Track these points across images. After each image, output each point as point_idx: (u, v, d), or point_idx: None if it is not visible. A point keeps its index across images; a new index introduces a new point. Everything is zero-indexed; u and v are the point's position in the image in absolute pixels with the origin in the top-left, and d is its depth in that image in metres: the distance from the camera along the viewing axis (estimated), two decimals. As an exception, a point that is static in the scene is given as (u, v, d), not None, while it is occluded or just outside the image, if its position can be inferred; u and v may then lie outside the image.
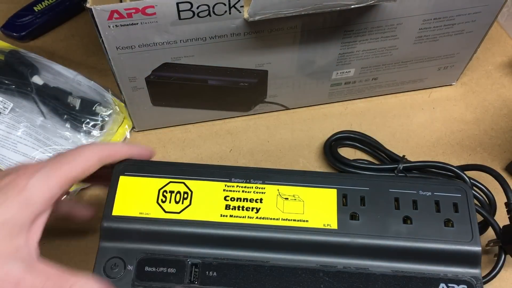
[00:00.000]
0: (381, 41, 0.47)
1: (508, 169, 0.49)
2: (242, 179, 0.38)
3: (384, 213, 0.36)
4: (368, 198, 0.37)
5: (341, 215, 0.36)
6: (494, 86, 0.57)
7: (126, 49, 0.42)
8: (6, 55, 0.52)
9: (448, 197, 0.37)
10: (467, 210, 0.37)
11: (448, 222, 0.36)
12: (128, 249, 0.36)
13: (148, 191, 0.37)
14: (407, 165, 0.47)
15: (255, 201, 0.37)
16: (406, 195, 0.37)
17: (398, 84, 0.54)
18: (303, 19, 0.42)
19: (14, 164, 0.48)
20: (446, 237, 0.35)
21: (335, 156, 0.49)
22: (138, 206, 0.36)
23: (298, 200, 0.37)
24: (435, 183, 0.38)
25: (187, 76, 0.46)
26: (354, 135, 0.51)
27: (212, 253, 0.36)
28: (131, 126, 0.52)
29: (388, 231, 0.36)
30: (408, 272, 0.35)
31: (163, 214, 0.36)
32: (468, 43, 0.51)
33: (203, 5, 0.39)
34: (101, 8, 0.37)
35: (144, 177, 0.37)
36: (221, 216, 0.36)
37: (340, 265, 0.36)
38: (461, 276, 0.35)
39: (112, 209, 0.36)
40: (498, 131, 0.53)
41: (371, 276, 0.35)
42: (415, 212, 0.36)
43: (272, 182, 0.37)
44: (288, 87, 0.51)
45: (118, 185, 0.37)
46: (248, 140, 0.52)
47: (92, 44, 0.59)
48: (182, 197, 0.37)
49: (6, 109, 0.50)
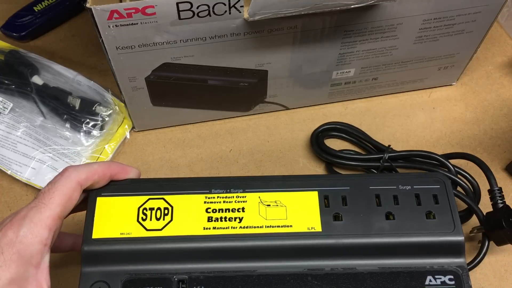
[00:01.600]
0: (381, 41, 0.47)
1: (508, 169, 0.49)
2: (222, 190, 0.37)
3: (367, 211, 0.36)
4: (349, 197, 0.37)
5: (324, 217, 0.36)
6: (494, 86, 0.57)
7: (126, 49, 0.42)
8: (6, 55, 0.52)
9: (427, 189, 0.37)
10: (447, 200, 0.37)
11: (430, 214, 0.36)
12: (112, 271, 0.35)
13: (127, 210, 0.36)
14: (392, 154, 0.47)
15: (237, 211, 0.36)
16: (386, 191, 0.37)
17: (398, 84, 0.54)
18: (303, 19, 0.42)
19: (14, 163, 0.48)
20: (429, 229, 0.36)
21: (321, 147, 0.49)
22: (119, 226, 0.35)
23: (280, 205, 0.36)
24: (414, 176, 0.38)
25: (187, 76, 0.46)
26: (340, 126, 0.51)
27: (198, 267, 0.35)
28: (131, 126, 0.52)
29: (372, 228, 0.36)
30: (395, 268, 0.36)
31: (144, 232, 0.35)
32: (468, 43, 0.51)
33: (203, 5, 0.39)
34: (101, 8, 0.37)
35: (122, 196, 0.36)
36: (204, 229, 0.35)
37: (327, 267, 0.36)
38: (447, 267, 0.36)
39: (92, 232, 0.35)
40: (498, 131, 0.53)
41: (359, 276, 0.35)
42: (396, 207, 0.37)
43: (253, 189, 0.37)
44: (288, 87, 0.51)
45: (96, 207, 0.36)
46: (248, 140, 0.52)
47: (92, 44, 0.60)
48: (163, 213, 0.36)
49: (6, 109, 0.50)
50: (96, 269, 0.35)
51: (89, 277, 0.34)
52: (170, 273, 0.35)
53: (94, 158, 0.49)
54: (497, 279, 0.43)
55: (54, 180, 0.33)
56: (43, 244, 0.31)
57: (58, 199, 0.32)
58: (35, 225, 0.31)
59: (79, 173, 0.34)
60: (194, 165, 0.50)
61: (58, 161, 0.48)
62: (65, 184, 0.33)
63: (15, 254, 0.30)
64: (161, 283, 0.35)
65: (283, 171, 0.50)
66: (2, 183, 0.49)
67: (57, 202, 0.32)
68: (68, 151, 0.49)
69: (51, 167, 0.48)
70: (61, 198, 0.32)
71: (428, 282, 0.35)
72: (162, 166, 0.50)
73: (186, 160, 0.51)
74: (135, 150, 0.52)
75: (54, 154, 0.49)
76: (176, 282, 0.35)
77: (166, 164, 0.51)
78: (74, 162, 0.49)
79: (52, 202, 0.32)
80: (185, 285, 0.35)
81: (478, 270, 0.43)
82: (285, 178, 0.38)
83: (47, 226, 0.31)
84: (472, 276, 0.43)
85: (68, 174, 0.33)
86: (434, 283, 0.35)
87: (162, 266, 0.35)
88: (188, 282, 0.35)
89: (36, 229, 0.31)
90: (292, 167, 0.50)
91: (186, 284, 0.35)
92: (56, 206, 0.32)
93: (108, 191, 0.36)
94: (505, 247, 0.44)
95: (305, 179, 0.38)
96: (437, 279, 0.35)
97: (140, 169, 0.49)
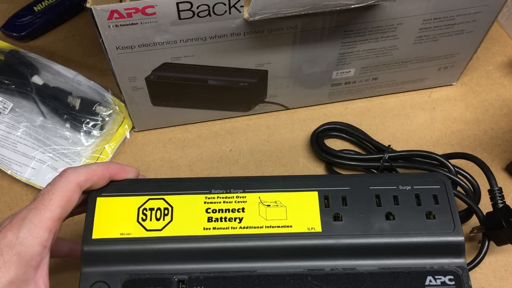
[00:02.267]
0: (381, 41, 0.47)
1: (508, 169, 0.49)
2: (222, 190, 0.37)
3: (367, 211, 0.36)
4: (349, 197, 0.37)
5: (324, 217, 0.36)
6: (494, 86, 0.57)
7: (126, 49, 0.42)
8: (6, 55, 0.52)
9: (427, 190, 0.37)
10: (447, 200, 0.37)
11: (430, 214, 0.36)
12: (112, 271, 0.35)
13: (127, 210, 0.36)
14: (392, 154, 0.47)
15: (237, 211, 0.36)
16: (386, 191, 0.37)
17: (398, 84, 0.54)
18: (303, 19, 0.42)
19: (14, 163, 0.48)
20: (429, 230, 0.36)
21: (321, 147, 0.49)
22: (118, 226, 0.35)
23: (281, 206, 0.36)
24: (414, 177, 0.38)
25: (187, 76, 0.46)
26: (340, 126, 0.51)
27: (198, 267, 0.35)
28: (131, 126, 0.52)
29: (372, 229, 0.36)
30: (395, 268, 0.35)
31: (144, 232, 0.35)
32: (468, 43, 0.51)
33: (203, 5, 0.39)
34: (101, 8, 0.37)
35: (122, 196, 0.36)
36: (204, 229, 0.35)
37: (327, 268, 0.36)
38: (447, 267, 0.36)
39: (92, 232, 0.35)
40: (498, 131, 0.53)
41: (359, 276, 0.35)
42: (396, 207, 0.36)
43: (253, 190, 0.37)
44: (288, 87, 0.51)
45: (96, 207, 0.36)
46: (248, 140, 0.52)
47: (92, 44, 0.60)
48: (163, 213, 0.36)
49: (6, 109, 0.50)
50: (96, 269, 0.35)
51: (89, 278, 0.34)
52: (170, 273, 0.35)
53: (94, 158, 0.49)
54: (497, 279, 0.43)
55: (53, 181, 0.33)
56: (43, 246, 0.31)
57: (57, 200, 0.32)
58: (35, 227, 0.31)
59: (78, 174, 0.34)
60: (194, 165, 0.50)
61: (58, 161, 0.48)
62: (64, 186, 0.33)
63: (15, 255, 0.30)
64: (161, 283, 0.35)
65: (283, 171, 0.50)
66: (2, 183, 0.49)
67: (57, 204, 0.32)
68: (68, 151, 0.49)
69: (51, 167, 0.48)
70: (60, 200, 0.32)
71: (428, 282, 0.35)
72: (162, 166, 0.50)
73: (186, 160, 0.51)
74: (135, 150, 0.52)
75: (54, 154, 0.49)
76: (176, 282, 0.35)
77: (166, 164, 0.51)
78: (74, 162, 0.49)
79: (52, 203, 0.32)
80: (185, 285, 0.35)
81: (478, 270, 0.43)
82: (285, 178, 0.38)
83: (47, 228, 0.31)
84: (472, 276, 0.43)
85: (67, 175, 0.33)
86: (434, 283, 0.35)
87: (162, 266, 0.35)
88: (188, 282, 0.35)
89: (36, 230, 0.31)
90: (292, 167, 0.50)
91: (186, 284, 0.35)
92: (56, 208, 0.32)
93: (108, 191, 0.36)
94: (505, 247, 0.44)
95: (305, 179, 0.38)
96: (437, 279, 0.35)
97: (140, 169, 0.50)
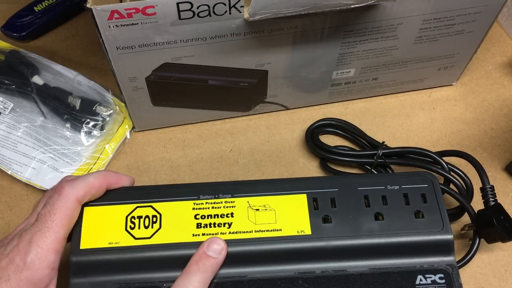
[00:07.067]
0: (381, 41, 0.47)
1: (508, 169, 0.49)
2: (211, 195, 0.37)
3: (356, 212, 0.36)
4: (338, 199, 0.37)
5: (313, 219, 0.36)
6: (494, 86, 0.57)
7: (126, 49, 0.42)
8: (7, 55, 0.52)
9: (415, 189, 0.37)
10: (435, 199, 0.37)
11: (418, 213, 0.36)
12: (101, 282, 0.34)
13: (115, 219, 0.36)
14: (386, 151, 0.47)
15: (226, 216, 0.36)
16: (375, 191, 0.37)
17: (398, 84, 0.54)
18: (303, 19, 0.42)
19: (14, 163, 0.48)
20: (418, 229, 0.36)
21: (316, 143, 0.50)
22: (107, 236, 0.35)
23: (269, 209, 0.36)
24: (402, 176, 0.38)
25: (187, 76, 0.46)
26: (335, 122, 0.51)
27: None
28: (131, 126, 0.52)
29: (361, 229, 0.36)
30: (385, 268, 0.36)
31: (133, 241, 0.35)
32: (468, 43, 0.51)
33: (203, 5, 0.39)
34: (101, 8, 0.37)
35: (109, 205, 0.36)
36: (193, 235, 0.35)
37: (318, 270, 0.36)
38: (437, 266, 0.36)
39: (80, 242, 0.35)
40: (498, 131, 0.53)
41: (350, 277, 0.35)
42: (385, 207, 0.37)
43: (241, 194, 0.37)
44: (288, 87, 0.51)
45: (83, 217, 0.35)
46: (248, 140, 0.52)
47: (92, 44, 0.60)
48: (151, 221, 0.36)
49: (6, 109, 0.50)
50: (85, 280, 0.34)
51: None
52: (160, 281, 0.35)
53: (95, 158, 0.49)
54: (497, 279, 0.43)
55: (52, 201, 0.33)
56: (50, 268, 0.32)
57: (60, 221, 0.32)
58: (41, 250, 0.31)
59: (77, 190, 0.34)
60: (194, 165, 0.50)
61: (59, 161, 0.48)
62: (64, 205, 0.33)
63: (23, 280, 0.30)
64: None
65: (283, 171, 0.50)
66: (2, 183, 0.49)
67: (60, 224, 0.32)
68: (69, 151, 0.49)
69: (52, 167, 0.48)
70: (63, 220, 0.33)
71: (419, 281, 0.35)
72: (162, 166, 0.50)
73: (186, 160, 0.51)
74: (136, 150, 0.52)
75: (55, 154, 0.49)
76: None
77: (166, 164, 0.51)
78: (75, 162, 0.49)
79: (55, 225, 0.32)
80: None
81: (478, 270, 0.43)
82: (273, 181, 0.38)
83: (54, 250, 0.32)
84: (472, 276, 0.43)
85: (66, 193, 0.33)
86: (425, 282, 0.35)
87: (152, 274, 0.35)
88: None
89: (43, 254, 0.31)
90: (292, 167, 0.50)
91: None
92: (60, 229, 0.32)
93: (95, 200, 0.36)
94: (506, 247, 0.44)
95: (293, 182, 0.38)
96: (428, 278, 0.35)
97: (140, 169, 0.50)
